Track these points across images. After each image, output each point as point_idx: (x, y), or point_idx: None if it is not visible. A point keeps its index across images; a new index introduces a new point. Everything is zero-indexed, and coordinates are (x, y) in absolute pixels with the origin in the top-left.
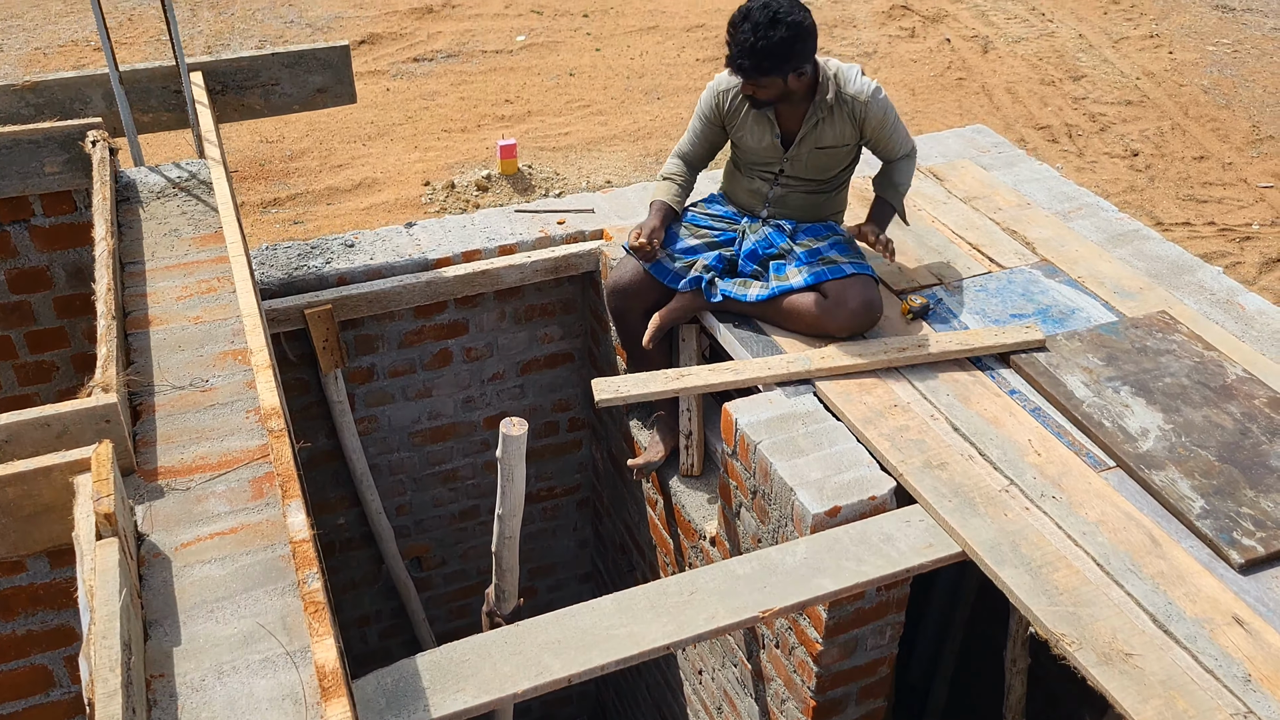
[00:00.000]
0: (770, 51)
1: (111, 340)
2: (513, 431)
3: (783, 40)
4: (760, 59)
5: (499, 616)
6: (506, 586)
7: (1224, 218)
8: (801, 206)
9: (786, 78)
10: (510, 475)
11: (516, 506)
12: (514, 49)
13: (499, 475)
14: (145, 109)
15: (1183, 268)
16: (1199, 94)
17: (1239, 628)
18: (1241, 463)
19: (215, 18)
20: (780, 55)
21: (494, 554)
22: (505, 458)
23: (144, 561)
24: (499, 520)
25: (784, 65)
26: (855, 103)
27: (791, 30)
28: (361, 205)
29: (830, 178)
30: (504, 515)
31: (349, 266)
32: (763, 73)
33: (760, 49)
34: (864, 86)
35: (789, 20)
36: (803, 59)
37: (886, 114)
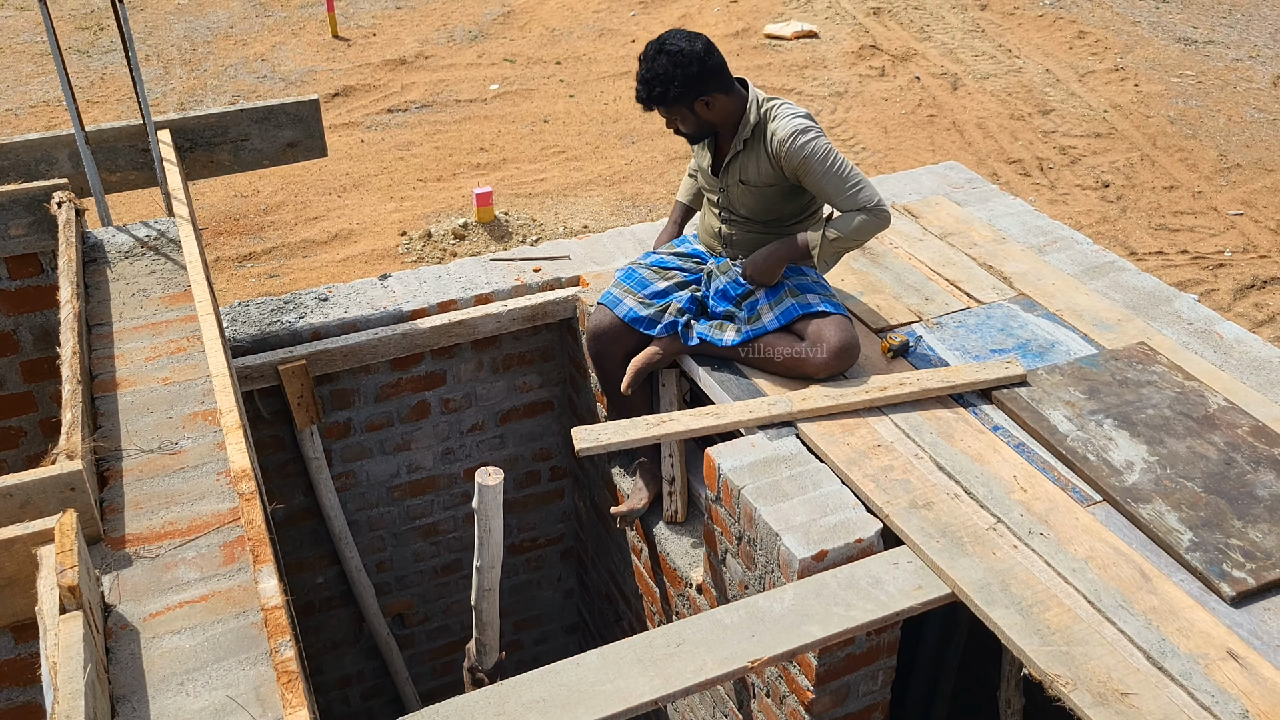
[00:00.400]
0: (655, 80)
1: (77, 405)
2: (489, 481)
3: (666, 70)
4: (649, 88)
5: (481, 672)
6: (487, 641)
7: (1196, 246)
8: (756, 246)
9: (693, 107)
10: (487, 526)
11: (495, 558)
12: (488, 98)
13: (476, 526)
14: (113, 168)
15: (1159, 298)
16: (1166, 125)
17: (1234, 662)
18: (1228, 493)
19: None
20: (665, 82)
21: (474, 607)
22: (482, 508)
23: (111, 634)
24: (477, 572)
25: (679, 94)
26: (773, 139)
27: (673, 59)
28: (338, 257)
29: (773, 219)
30: (482, 567)
31: (323, 321)
32: (656, 101)
33: (646, 78)
34: (785, 125)
35: (670, 49)
36: (701, 87)
37: (810, 155)
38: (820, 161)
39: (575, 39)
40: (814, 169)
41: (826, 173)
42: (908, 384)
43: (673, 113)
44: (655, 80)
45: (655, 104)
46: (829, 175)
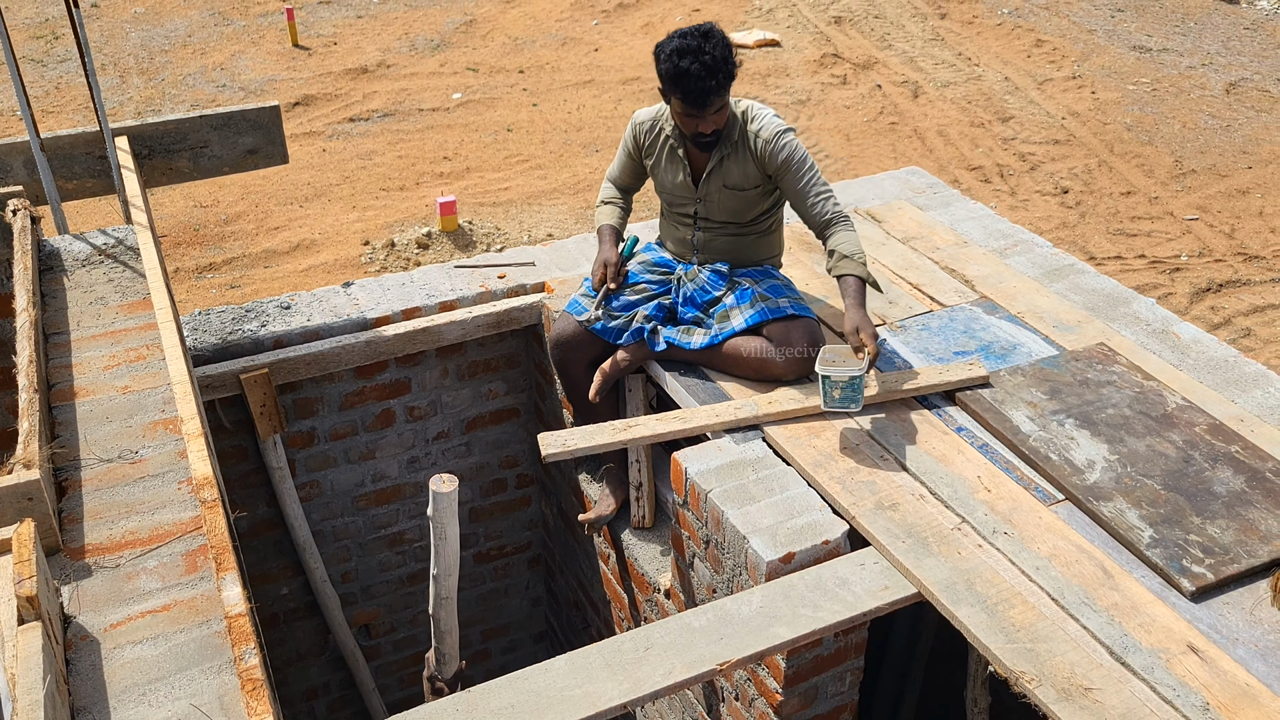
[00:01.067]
0: (725, 57)
1: (34, 414)
2: (443, 488)
3: (724, 43)
4: (722, 69)
5: (440, 681)
6: (447, 649)
7: (1153, 250)
8: (728, 250)
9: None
10: (443, 534)
11: (452, 565)
12: (451, 106)
13: (432, 534)
14: (69, 176)
15: (1118, 300)
16: (1122, 131)
17: (1194, 656)
18: (1186, 490)
19: (145, 84)
20: (731, 57)
21: (431, 616)
22: (437, 515)
23: (71, 645)
24: (434, 580)
25: (734, 72)
26: (757, 139)
27: (721, 34)
28: (300, 267)
29: (749, 221)
30: (439, 575)
31: (285, 329)
32: (731, 78)
33: (720, 56)
34: (769, 124)
35: (711, 28)
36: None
37: (791, 155)
38: (800, 163)
39: (538, 48)
40: (794, 171)
41: (805, 176)
42: (872, 386)
43: (726, 98)
44: (724, 57)
45: (728, 85)
46: (807, 179)
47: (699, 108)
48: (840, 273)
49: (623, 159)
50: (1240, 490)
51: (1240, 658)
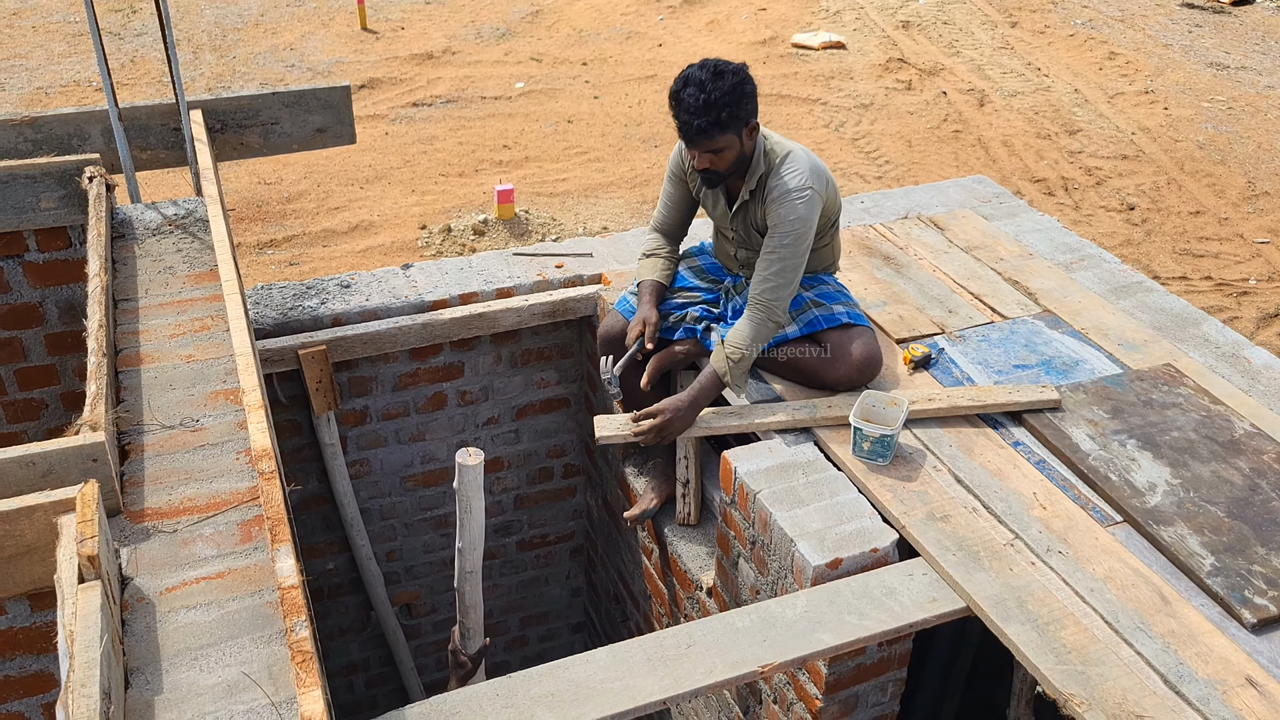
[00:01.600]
0: (722, 102)
1: (101, 378)
2: (469, 461)
3: (732, 88)
4: (717, 111)
5: (464, 655)
6: (471, 624)
7: (1220, 272)
8: None
9: (741, 135)
10: (468, 507)
11: (477, 540)
12: (513, 95)
13: (457, 507)
14: (144, 146)
15: (1187, 320)
16: (1194, 150)
17: (1252, 689)
18: (1251, 519)
19: (217, 60)
20: (734, 104)
21: (456, 590)
22: (462, 489)
23: (127, 606)
24: (459, 555)
25: (737, 118)
26: (772, 194)
27: (737, 77)
28: (358, 248)
29: None
30: (464, 549)
31: (344, 308)
32: (720, 127)
33: (709, 102)
34: (785, 182)
35: (731, 68)
36: (752, 111)
37: (783, 219)
38: (785, 234)
39: (602, 40)
40: (776, 234)
41: (785, 248)
42: (937, 400)
43: (723, 141)
44: (722, 102)
45: (717, 130)
46: (778, 251)
47: (687, 142)
48: (711, 359)
49: (669, 192)
50: None
51: None
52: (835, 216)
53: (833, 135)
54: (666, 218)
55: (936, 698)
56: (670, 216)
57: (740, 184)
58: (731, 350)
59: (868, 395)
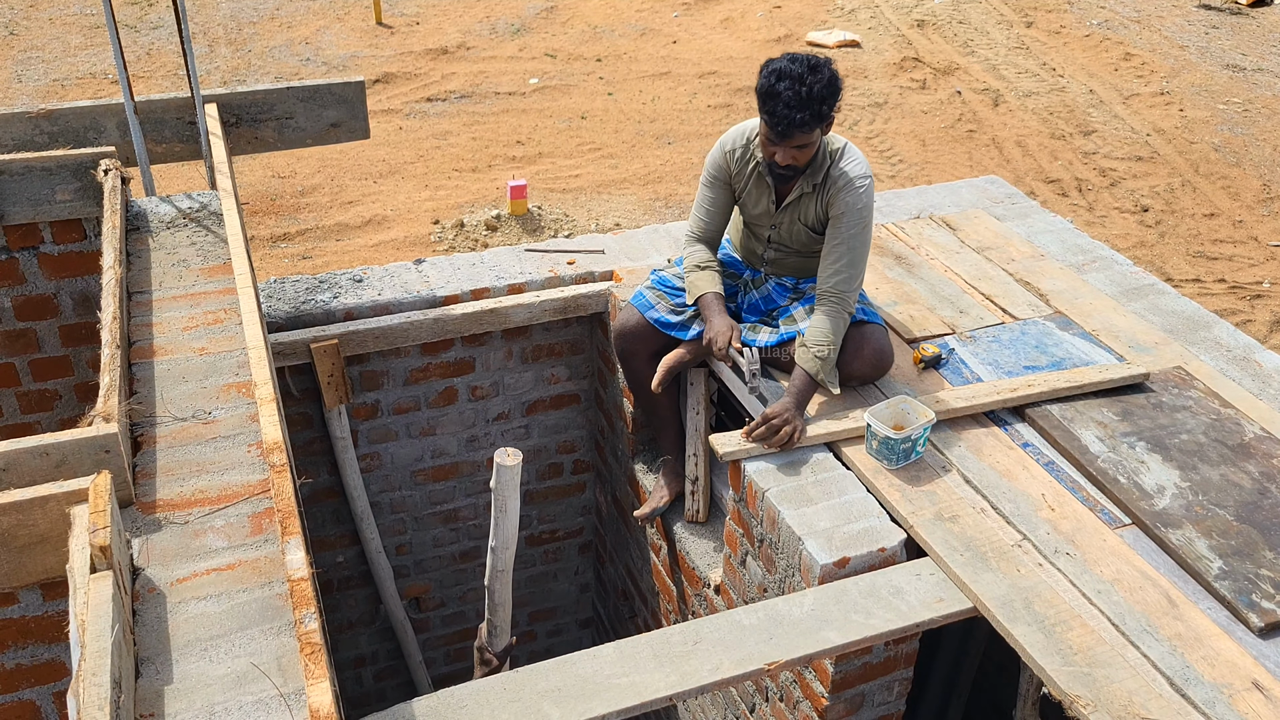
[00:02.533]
0: (824, 95)
1: (115, 369)
2: (507, 461)
3: (829, 80)
4: (818, 105)
5: (490, 653)
6: (499, 622)
7: (1234, 275)
8: (796, 268)
9: (824, 131)
10: (504, 507)
11: (510, 539)
12: (527, 91)
13: (493, 506)
14: (159, 139)
15: (1198, 323)
16: (1209, 152)
17: (1259, 694)
18: (1260, 523)
19: (232, 54)
20: (831, 96)
21: (486, 588)
22: (499, 488)
23: (138, 596)
24: (492, 553)
25: (832, 110)
26: (839, 181)
27: (831, 70)
28: (371, 242)
29: (818, 249)
30: (497, 548)
31: (356, 302)
32: (820, 119)
33: (815, 94)
34: (852, 168)
35: (824, 62)
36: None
37: (848, 210)
38: (853, 222)
39: (617, 37)
40: (844, 224)
41: (847, 238)
42: (1021, 388)
43: (815, 136)
44: (822, 95)
45: (816, 123)
46: (846, 241)
47: (780, 137)
48: (797, 361)
49: (710, 196)
50: None
51: None
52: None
53: (847, 134)
54: (708, 224)
55: (943, 698)
56: (712, 223)
57: (794, 181)
58: (817, 349)
59: (905, 400)
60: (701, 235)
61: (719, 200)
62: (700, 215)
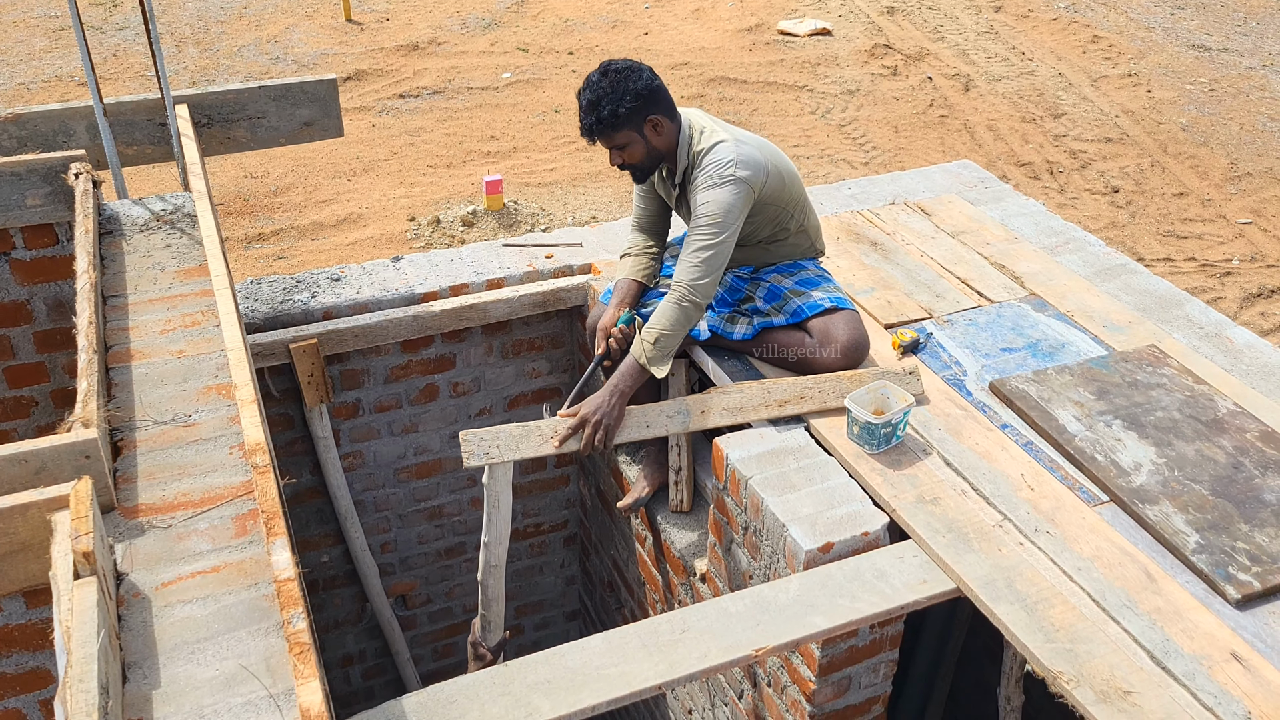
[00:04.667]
0: (603, 100)
1: (92, 374)
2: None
3: (613, 85)
4: (596, 111)
5: (484, 648)
6: (492, 617)
7: (1204, 253)
8: (748, 258)
9: (643, 131)
10: (496, 502)
11: (503, 534)
12: (500, 86)
13: (485, 501)
14: (130, 141)
15: (1171, 302)
16: (1177, 131)
17: (1237, 664)
18: (1235, 497)
19: (200, 54)
20: (615, 102)
21: (479, 583)
22: (491, 484)
23: (123, 601)
24: (485, 548)
25: (621, 114)
26: (698, 175)
27: (621, 75)
28: (346, 240)
29: (756, 241)
30: (490, 543)
31: (335, 301)
32: (608, 125)
33: (593, 101)
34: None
35: (617, 67)
36: (649, 107)
37: (702, 204)
38: (702, 215)
39: (588, 30)
40: (697, 217)
41: (699, 229)
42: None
43: (621, 138)
44: (603, 100)
45: (603, 129)
46: (697, 233)
47: (586, 138)
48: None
49: (639, 190)
50: None
51: None
52: (794, 204)
53: (819, 122)
54: (643, 211)
55: (929, 678)
56: (645, 208)
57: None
58: (647, 333)
59: (885, 385)
60: (637, 223)
61: (646, 189)
62: (636, 204)
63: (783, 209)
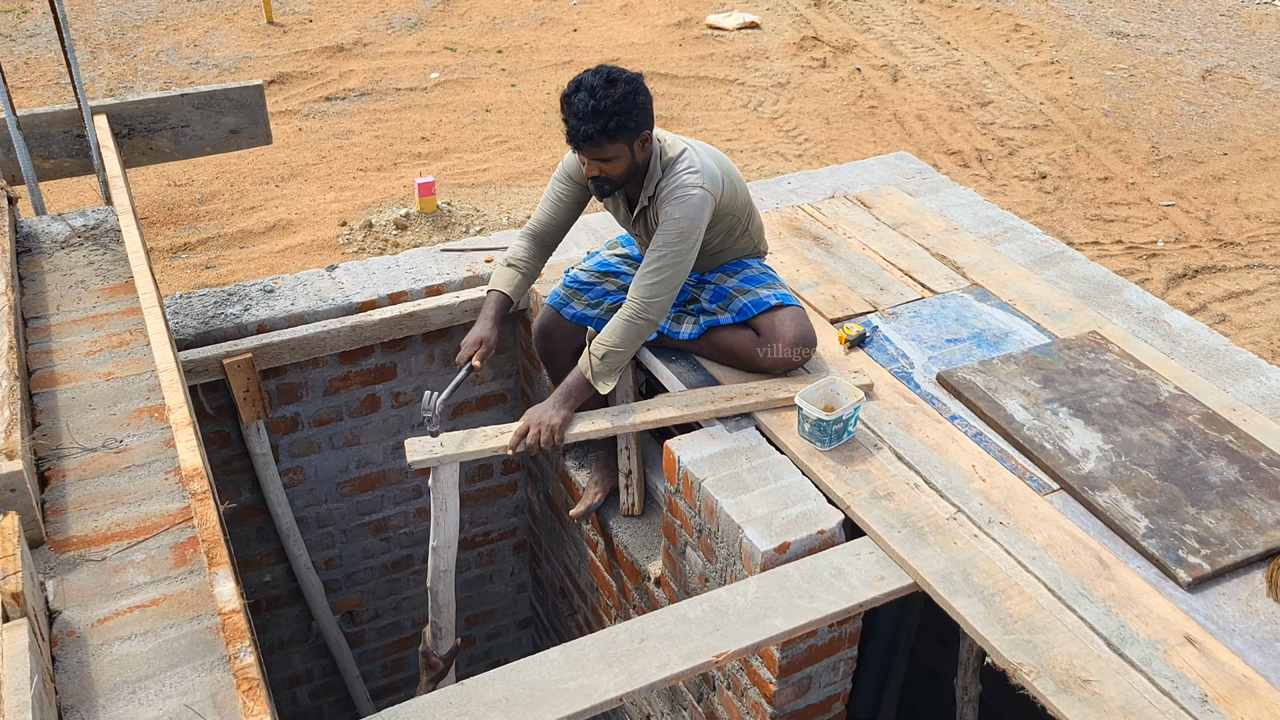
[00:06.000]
0: (613, 110)
1: (15, 402)
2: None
3: (624, 97)
4: (606, 120)
5: (435, 656)
6: (443, 624)
7: (1130, 236)
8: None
9: (633, 145)
10: (444, 505)
11: (451, 538)
12: (429, 86)
13: (432, 505)
14: (46, 155)
15: (1108, 287)
16: (1100, 117)
17: (1191, 647)
18: (1181, 480)
19: (117, 60)
20: (624, 113)
21: (429, 589)
22: (438, 487)
23: (57, 641)
24: (433, 553)
25: (629, 127)
26: (660, 194)
27: (630, 86)
28: (276, 248)
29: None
30: (438, 547)
31: (269, 314)
32: (609, 136)
33: (603, 108)
34: (672, 182)
35: (625, 78)
36: (645, 122)
37: (667, 219)
38: (672, 230)
39: (516, 28)
40: (663, 232)
41: (663, 246)
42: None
43: (613, 150)
44: (613, 110)
45: (602, 139)
46: (662, 250)
47: (574, 147)
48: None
49: (559, 191)
50: (1234, 480)
51: (1237, 649)
52: (743, 210)
53: (751, 115)
54: (550, 217)
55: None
56: (554, 216)
57: (639, 191)
58: (596, 347)
59: (835, 381)
60: (536, 228)
61: (568, 196)
62: (544, 207)
63: (734, 217)
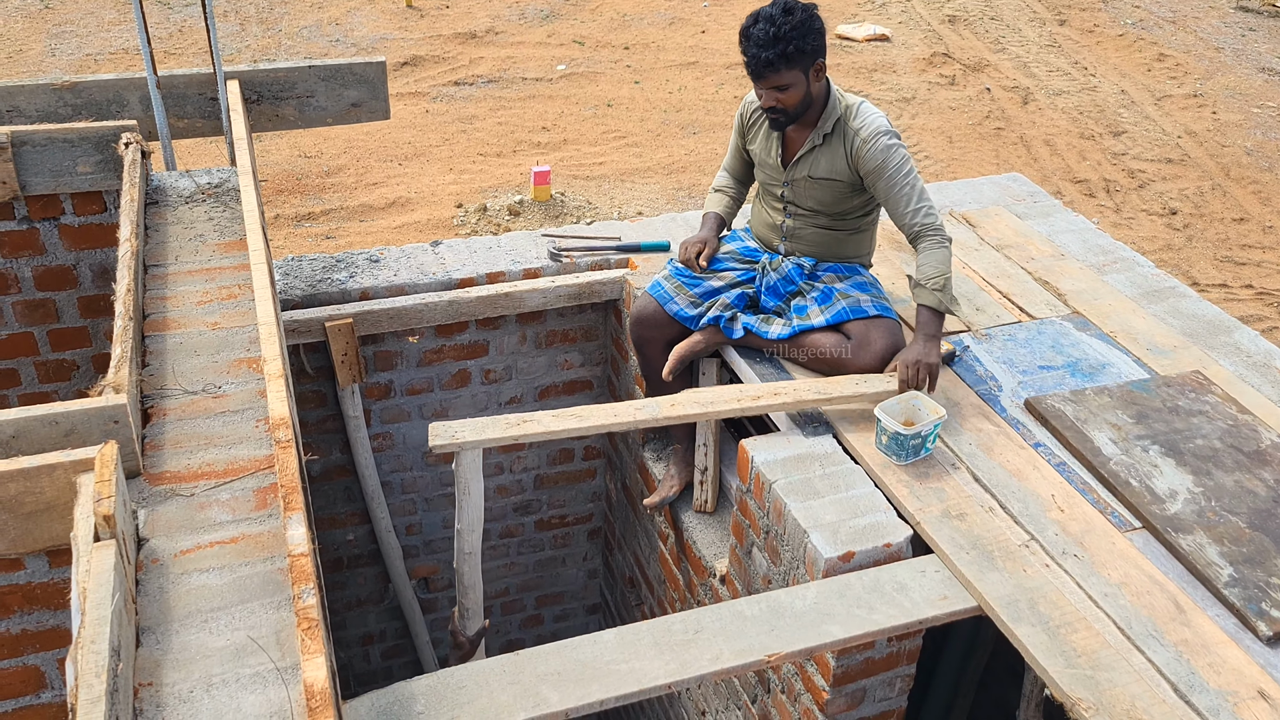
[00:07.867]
0: (791, 35)
1: (127, 341)
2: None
3: (801, 23)
4: (784, 45)
5: (462, 636)
6: (469, 604)
7: (1262, 281)
8: (817, 242)
9: (809, 73)
10: (466, 489)
11: (475, 522)
12: (554, 78)
13: (456, 490)
14: (181, 114)
15: (1219, 328)
16: (1241, 155)
17: (1264, 702)
18: (1273, 531)
19: (263, 33)
20: (801, 38)
21: (455, 570)
22: (460, 471)
23: (142, 566)
24: (458, 535)
25: (805, 53)
26: (856, 137)
27: (806, 13)
28: (394, 224)
29: (838, 213)
30: (462, 530)
31: (373, 282)
32: (788, 61)
33: (783, 34)
34: (869, 123)
35: (801, 6)
36: (821, 49)
37: (886, 160)
38: (897, 169)
39: (645, 26)
40: (888, 176)
41: (900, 184)
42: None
43: (790, 76)
44: (791, 35)
45: (781, 64)
46: (902, 187)
47: (754, 76)
48: (916, 301)
49: (733, 142)
50: None
51: None
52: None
53: None
54: (732, 162)
55: (950, 695)
56: (734, 163)
57: (805, 135)
58: (931, 281)
59: (915, 395)
60: (727, 167)
61: (737, 148)
62: (729, 154)
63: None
